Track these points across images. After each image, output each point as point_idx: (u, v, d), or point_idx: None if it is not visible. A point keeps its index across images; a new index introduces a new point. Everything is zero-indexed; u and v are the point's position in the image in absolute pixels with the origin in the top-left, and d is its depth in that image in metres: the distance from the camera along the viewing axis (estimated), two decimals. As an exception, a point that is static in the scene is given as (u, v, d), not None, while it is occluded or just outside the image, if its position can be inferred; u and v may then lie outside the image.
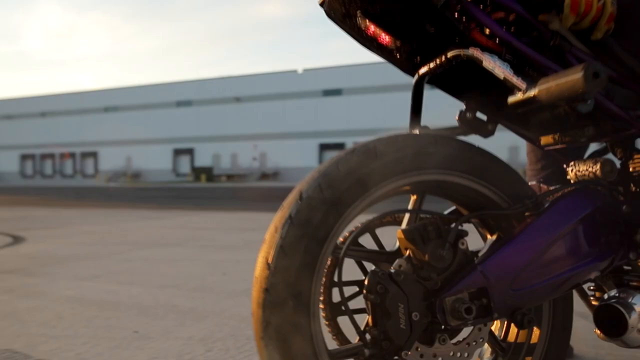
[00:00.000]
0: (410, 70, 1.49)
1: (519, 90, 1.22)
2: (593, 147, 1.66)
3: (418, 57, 1.45)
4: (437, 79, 1.47)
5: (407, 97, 1.53)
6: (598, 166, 1.39)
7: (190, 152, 46.73)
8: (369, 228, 1.44)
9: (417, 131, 1.45)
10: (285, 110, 43.39)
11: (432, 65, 1.40)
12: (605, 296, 1.39)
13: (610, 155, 1.56)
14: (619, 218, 1.38)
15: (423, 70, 1.43)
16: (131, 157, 48.08)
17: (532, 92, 1.19)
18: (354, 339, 1.48)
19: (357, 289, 1.47)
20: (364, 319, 1.43)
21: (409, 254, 1.24)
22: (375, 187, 1.21)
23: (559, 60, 1.29)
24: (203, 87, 46.28)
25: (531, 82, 1.20)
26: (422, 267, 1.22)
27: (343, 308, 1.40)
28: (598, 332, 1.57)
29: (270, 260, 1.14)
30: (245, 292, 3.28)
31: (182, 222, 8.36)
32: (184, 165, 47.28)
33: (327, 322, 1.47)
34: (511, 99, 1.26)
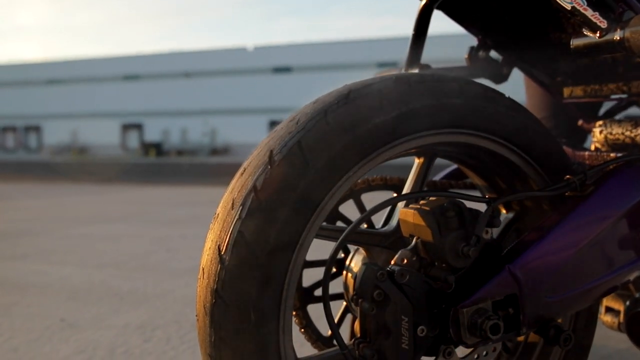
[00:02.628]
0: None
1: (596, 30, 0.89)
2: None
3: None
4: (448, 4, 1.16)
5: (356, 77, 1.23)
6: (638, 131, 1.10)
7: (138, 127, 45.73)
8: (359, 197, 1.13)
9: (416, 70, 1.15)
10: (235, 86, 43.16)
11: None
12: (638, 296, 1.13)
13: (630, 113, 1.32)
14: None
15: None
16: (77, 132, 46.83)
17: (619, 35, 0.86)
18: (325, 329, 1.19)
19: (334, 270, 1.17)
20: (339, 306, 1.14)
21: (416, 244, 0.91)
22: (378, 150, 0.86)
23: None
24: (151, 62, 45.29)
25: (615, 20, 0.87)
26: (433, 264, 0.90)
27: (316, 293, 1.11)
28: (605, 319, 1.34)
29: (224, 249, 0.79)
30: (191, 270, 2.96)
31: (128, 197, 7.92)
32: (133, 140, 46.31)
33: (294, 312, 1.17)
34: (577, 42, 0.93)
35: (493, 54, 1.26)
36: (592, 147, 1.29)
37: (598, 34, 0.89)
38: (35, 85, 46.86)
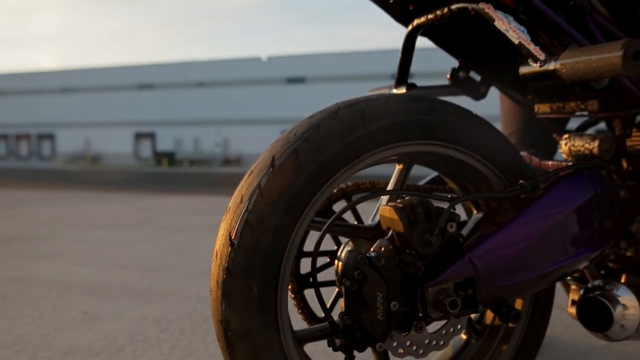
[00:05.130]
0: (404, 19, 1.35)
1: (536, 61, 1.07)
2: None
3: (412, 5, 1.30)
4: (431, 32, 1.33)
5: (370, 87, 1.41)
6: (596, 143, 1.26)
7: (151, 136, 45.96)
8: (350, 198, 1.32)
9: (404, 89, 1.33)
10: (248, 96, 43.12)
11: (430, 16, 1.24)
12: (590, 285, 1.29)
13: (600, 128, 1.48)
14: (615, 204, 1.26)
15: (418, 21, 1.28)
16: (90, 140, 47.08)
17: (552, 66, 1.05)
18: (321, 312, 1.37)
19: (328, 260, 1.35)
20: (333, 292, 1.31)
21: (392, 234, 1.09)
22: (360, 157, 1.05)
23: (576, 24, 1.15)
24: (165, 71, 45.55)
25: (552, 53, 1.06)
26: (405, 251, 1.08)
27: (311, 280, 1.29)
28: (571, 311, 1.49)
29: (233, 236, 0.98)
30: (204, 272, 3.14)
31: (142, 205, 8.12)
32: (146, 149, 46.51)
33: (292, 296, 1.35)
34: (524, 70, 1.12)
35: (472, 74, 1.43)
36: (561, 158, 1.46)
37: (538, 64, 1.07)
38: (50, 94, 47.33)
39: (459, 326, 1.15)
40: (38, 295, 2.63)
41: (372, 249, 1.08)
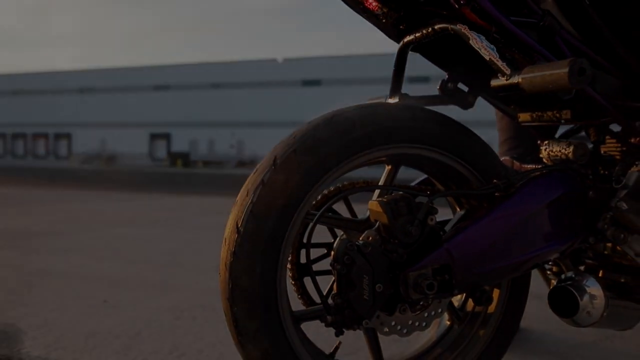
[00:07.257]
0: (395, 36, 1.49)
1: (503, 75, 1.22)
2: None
3: (403, 24, 1.44)
4: (421, 47, 1.47)
5: (385, 90, 1.53)
6: (571, 149, 1.39)
7: (166, 137, 45.93)
8: (343, 195, 1.47)
9: (397, 99, 1.46)
10: (263, 98, 42.91)
11: (417, 34, 1.39)
12: (563, 276, 1.41)
13: (583, 135, 1.58)
14: (584, 203, 1.39)
15: (408, 38, 1.43)
16: (106, 140, 47.22)
17: (516, 79, 1.20)
18: (319, 298, 1.51)
19: (325, 251, 1.50)
20: (330, 279, 1.45)
21: (378, 226, 1.25)
22: (351, 157, 1.21)
23: (546, 42, 1.28)
24: (181, 72, 45.43)
25: (516, 68, 1.21)
26: (389, 240, 1.22)
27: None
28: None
29: (240, 224, 1.14)
30: (216, 268, 3.26)
31: (156, 204, 8.28)
32: (161, 150, 46.46)
33: (293, 282, 1.50)
34: (494, 82, 1.26)
35: (460, 85, 1.55)
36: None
37: (505, 78, 1.23)
38: (67, 94, 47.65)
39: (439, 310, 1.30)
40: (61, 285, 2.81)
41: (360, 238, 1.23)
